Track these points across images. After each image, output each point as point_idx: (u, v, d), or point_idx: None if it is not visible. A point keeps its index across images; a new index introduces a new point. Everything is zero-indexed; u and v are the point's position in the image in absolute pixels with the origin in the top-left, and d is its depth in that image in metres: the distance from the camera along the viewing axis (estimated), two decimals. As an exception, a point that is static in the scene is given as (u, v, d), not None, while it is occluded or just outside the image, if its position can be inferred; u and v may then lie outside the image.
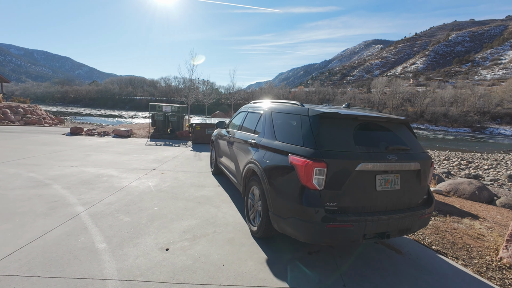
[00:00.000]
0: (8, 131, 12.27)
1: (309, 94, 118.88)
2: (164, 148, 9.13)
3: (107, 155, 7.26)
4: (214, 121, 11.13)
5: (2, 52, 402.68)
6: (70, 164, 5.88)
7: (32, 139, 9.86)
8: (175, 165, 6.48)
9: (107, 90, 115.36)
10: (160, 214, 3.44)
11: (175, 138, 12.04)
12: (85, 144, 9.10)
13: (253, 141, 3.26)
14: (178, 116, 13.06)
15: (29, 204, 3.50)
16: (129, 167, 5.97)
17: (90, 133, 11.98)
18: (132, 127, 14.81)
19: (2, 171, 5.05)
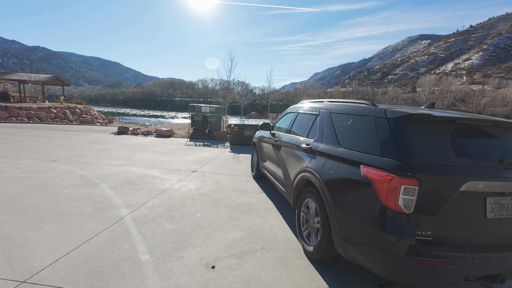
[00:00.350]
0: (67, 130, 13.48)
1: (346, 94, 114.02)
2: (203, 148, 9.13)
3: (150, 154, 7.41)
4: (251, 122, 10.91)
5: (65, 59, 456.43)
6: (117, 163, 6.05)
7: (85, 137, 10.62)
8: (215, 167, 6.33)
9: (150, 92, 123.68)
10: (203, 223, 3.20)
11: (213, 138, 12.09)
12: (130, 143, 9.50)
13: (307, 147, 2.85)
14: (216, 117, 13.13)
15: (78, 204, 3.52)
16: (171, 168, 5.96)
17: (135, 132, 12.60)
18: (173, 127, 15.32)
19: (58, 168, 5.33)
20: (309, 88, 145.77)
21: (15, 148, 7.34)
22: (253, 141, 5.75)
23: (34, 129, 12.83)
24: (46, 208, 3.31)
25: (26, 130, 12.12)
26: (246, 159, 7.63)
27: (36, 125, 15.91)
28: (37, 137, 9.86)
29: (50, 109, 24.78)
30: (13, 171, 4.92)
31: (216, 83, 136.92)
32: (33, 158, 6.16)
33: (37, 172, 4.96)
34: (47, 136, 10.27)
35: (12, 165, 5.41)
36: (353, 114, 2.40)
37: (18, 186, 4.09)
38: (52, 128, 14.31)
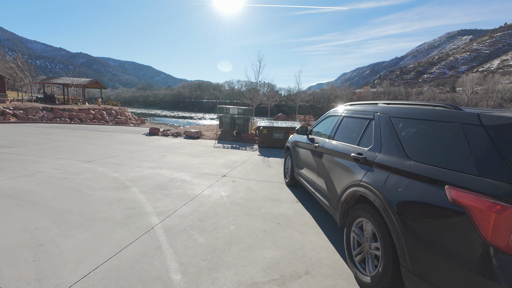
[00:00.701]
0: (103, 130, 14.16)
1: (377, 95, 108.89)
2: (232, 151, 8.95)
3: (180, 156, 7.37)
4: (280, 124, 10.55)
5: (103, 64, 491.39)
6: (148, 165, 6.04)
7: (119, 138, 11.00)
8: (245, 171, 6.07)
9: (179, 94, 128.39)
10: (237, 237, 2.92)
11: (241, 140, 11.91)
12: (161, 144, 9.62)
13: (359, 156, 2.43)
14: (244, 119, 12.96)
15: (109, 209, 3.42)
16: (201, 171, 5.80)
17: (165, 133, 12.85)
18: (201, 128, 15.46)
19: (93, 169, 5.41)
20: (337, 89, 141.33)
21: (56, 148, 7.71)
22: (286, 145, 5.38)
23: (74, 130, 13.64)
24: (79, 213, 3.25)
25: (67, 131, 12.91)
26: (277, 163, 7.29)
27: (76, 126, 16.99)
28: (76, 138, 10.39)
29: (89, 111, 26.48)
30: (52, 172, 5.05)
31: (242, 85, 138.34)
32: (71, 158, 6.37)
33: (73, 173, 5.05)
34: (85, 137, 10.79)
35: (52, 165, 5.59)
36: (426, 120, 1.95)
37: (55, 188, 4.13)
38: (90, 128, 15.14)
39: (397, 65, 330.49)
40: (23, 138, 9.41)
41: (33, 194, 3.79)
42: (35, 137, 9.83)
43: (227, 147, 9.79)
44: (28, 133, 11.15)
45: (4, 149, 7.12)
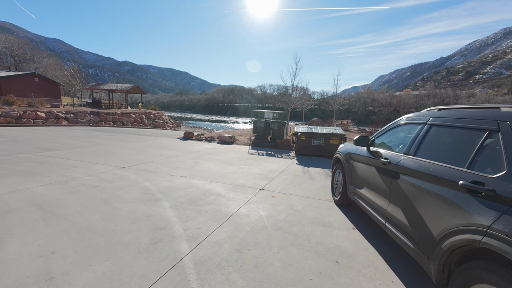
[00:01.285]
0: (141, 134, 14.55)
1: (420, 98, 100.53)
2: (267, 159, 8.33)
3: (213, 164, 6.94)
4: (320, 130, 9.68)
5: (145, 71, 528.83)
6: (180, 174, 5.67)
7: (155, 142, 11.05)
8: (284, 184, 5.39)
9: (213, 98, 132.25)
10: (286, 281, 2.25)
11: (276, 147, 11.25)
12: (194, 150, 9.36)
13: (480, 187, 1.62)
14: (279, 124, 12.30)
15: (135, 229, 2.99)
16: (235, 182, 5.26)
17: (199, 138, 12.71)
18: (234, 133, 15.14)
19: (125, 177, 5.17)
20: (374, 92, 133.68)
21: (96, 152, 7.81)
22: (335, 156, 4.59)
23: (115, 133, 14.19)
24: (102, 233, 2.85)
25: (109, 134, 13.44)
26: (319, 174, 6.48)
27: (118, 129, 17.84)
28: (116, 141, 10.63)
29: (130, 115, 28.00)
30: (86, 179, 4.89)
31: (274, 89, 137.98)
32: (107, 164, 6.27)
33: (106, 181, 4.83)
34: (124, 140, 11.02)
35: (88, 171, 5.49)
36: None
37: (85, 198, 3.87)
38: (130, 132, 15.70)
39: (443, 66, 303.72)
40: (69, 141, 9.84)
41: (62, 205, 3.54)
42: (79, 140, 10.25)
43: (262, 154, 9.19)
44: (74, 136, 11.76)
45: (49, 152, 7.35)
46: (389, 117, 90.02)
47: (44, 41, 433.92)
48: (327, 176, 6.38)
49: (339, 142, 9.15)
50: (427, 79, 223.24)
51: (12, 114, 17.35)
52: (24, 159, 6.33)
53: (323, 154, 9.35)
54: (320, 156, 9.37)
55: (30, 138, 10.18)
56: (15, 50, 38.92)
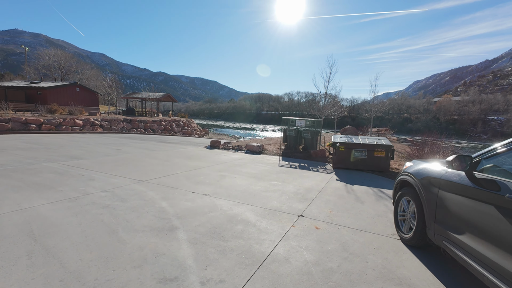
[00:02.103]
0: (168, 142, 14.33)
1: (464, 104, 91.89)
2: (302, 172, 7.32)
3: (241, 178, 6.12)
4: (362, 140, 8.45)
5: (177, 81, 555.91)
6: (204, 191, 4.91)
7: (181, 151, 10.59)
8: (328, 208, 4.36)
9: (240, 106, 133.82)
10: None
11: (309, 158, 10.18)
12: (221, 160, 8.66)
13: None
14: (312, 132, 11.22)
15: (136, 279, 2.20)
16: (267, 204, 4.35)
17: (226, 147, 12.07)
18: (263, 142, 14.31)
19: (142, 194, 4.52)
20: (409, 98, 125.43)
21: (119, 161, 7.42)
22: (401, 179, 3.47)
23: (144, 140, 14.13)
24: (95, 283, 2.10)
25: (137, 141, 13.37)
26: (367, 195, 5.34)
27: (148, 136, 17.98)
28: (142, 149, 10.35)
29: (161, 122, 28.62)
30: (99, 195, 4.32)
31: (302, 96, 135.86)
32: (127, 176, 5.74)
33: (120, 198, 4.21)
34: (150, 149, 10.72)
35: (104, 184, 4.96)
36: None
37: (90, 223, 3.22)
38: (158, 139, 15.62)
39: (488, 69, 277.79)
40: (97, 149, 9.72)
41: (58, 234, 2.91)
42: (107, 148, 10.11)
43: (295, 167, 8.20)
44: (104, 143, 11.76)
45: (73, 161, 7.09)
46: (427, 124, 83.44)
47: (89, 55, 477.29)
48: (378, 197, 5.21)
49: (386, 155, 7.85)
50: (470, 84, 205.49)
51: (53, 122, 18.32)
52: (46, 169, 6.04)
53: (365, 169, 8.09)
54: (362, 170, 8.13)
55: (62, 146, 10.27)
56: (62, 63, 42.49)
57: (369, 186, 6.16)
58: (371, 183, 6.51)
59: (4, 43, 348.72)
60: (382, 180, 7.00)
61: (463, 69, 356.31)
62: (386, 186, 6.23)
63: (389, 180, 7.04)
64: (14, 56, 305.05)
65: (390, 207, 4.62)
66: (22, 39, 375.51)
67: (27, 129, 16.77)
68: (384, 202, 4.92)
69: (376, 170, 7.99)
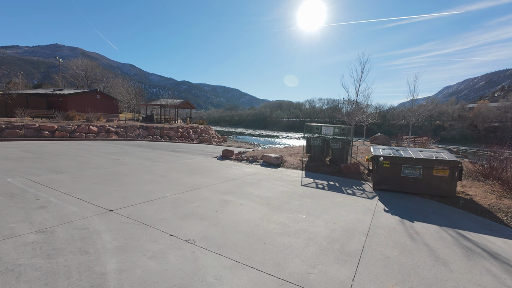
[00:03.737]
0: (178, 150, 13.00)
1: (506, 110, 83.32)
2: (333, 196, 5.44)
3: (249, 207, 4.39)
4: (414, 153, 6.40)
5: (200, 89, 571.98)
6: (188, 233, 3.24)
7: (187, 162, 9.12)
8: (391, 279, 2.50)
9: (261, 113, 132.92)
10: None
11: (339, 173, 8.22)
12: (229, 175, 7.01)
13: None
14: (342, 141, 9.25)
15: None
16: (286, 268, 2.58)
17: (239, 158, 10.44)
18: (282, 151, 12.50)
19: (90, 239, 2.95)
20: (439, 104, 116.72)
21: (105, 176, 6.03)
22: None
23: (152, 149, 12.91)
24: None
25: (143, 150, 12.15)
26: (445, 245, 3.35)
27: (159, 144, 16.88)
28: (143, 160, 9.02)
29: (178, 129, 27.82)
30: (23, 240, 2.82)
31: (324, 103, 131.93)
32: (94, 201, 4.25)
33: (48, 250, 2.66)
34: (152, 159, 9.36)
35: (51, 217, 3.49)
36: None
37: None
38: (169, 148, 14.37)
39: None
40: (92, 159, 8.52)
41: None
42: (105, 158, 8.90)
43: (322, 187, 6.33)
44: (106, 152, 10.64)
45: (48, 176, 5.79)
46: (463, 132, 76.55)
47: (120, 66, 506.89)
48: (467, 251, 3.22)
49: (450, 175, 5.72)
50: (509, 89, 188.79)
51: (67, 128, 17.89)
52: (2, 187, 4.75)
53: (419, 192, 6.01)
54: (416, 194, 6.06)
55: (57, 155, 9.22)
56: (88, 71, 43.97)
57: (439, 224, 4.14)
58: (439, 218, 4.47)
59: (46, 57, 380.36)
60: (451, 212, 4.92)
61: (500, 73, 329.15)
62: (466, 226, 4.17)
63: (462, 212, 4.93)
64: (54, 68, 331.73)
65: (501, 278, 2.64)
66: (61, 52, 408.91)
67: (40, 136, 16.36)
68: (483, 263, 2.94)
69: (435, 194, 5.89)
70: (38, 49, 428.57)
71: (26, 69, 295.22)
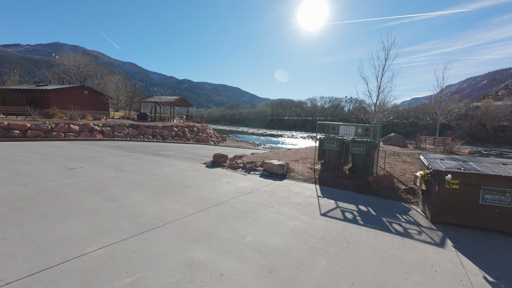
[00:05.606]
0: (162, 154, 10.84)
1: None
2: (379, 244, 3.27)
3: (237, 280, 2.24)
4: (495, 167, 4.21)
5: (201, 87, 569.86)
6: None
7: (164, 171, 6.97)
8: None
9: (262, 112, 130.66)
10: None
11: (366, 189, 6.04)
12: (215, 196, 4.86)
13: None
14: (367, 146, 7.06)
15: None
16: None
17: (233, 165, 8.27)
18: (287, 156, 10.32)
19: None
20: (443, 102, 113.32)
21: (24, 201, 3.90)
22: None
23: (132, 151, 10.76)
24: None
25: (120, 153, 9.99)
26: None
27: (145, 145, 14.73)
28: (108, 169, 6.89)
29: (172, 128, 25.69)
30: None
31: (326, 101, 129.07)
32: None
33: None
34: (121, 168, 7.22)
35: None
36: None
37: None
38: (152, 149, 12.18)
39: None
40: (34, 169, 6.39)
41: None
42: (57, 167, 6.77)
43: (353, 217, 4.16)
44: (69, 156, 8.50)
45: None
46: (471, 132, 73.86)
47: (121, 64, 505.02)
48: None
49: None
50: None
51: (42, 127, 15.77)
52: None
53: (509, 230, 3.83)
54: (504, 233, 3.88)
55: (1, 159, 7.12)
56: (81, 67, 41.88)
57: None
58: None
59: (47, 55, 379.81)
60: None
61: (503, 71, 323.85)
62: None
63: None
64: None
65: None
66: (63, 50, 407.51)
67: (8, 136, 14.24)
68: None
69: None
70: (40, 48, 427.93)
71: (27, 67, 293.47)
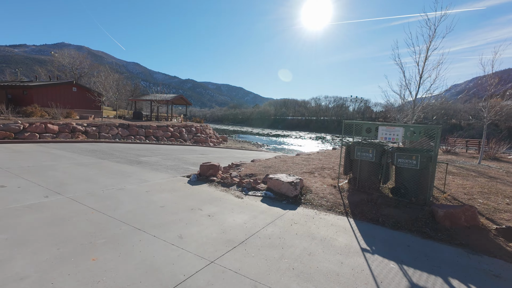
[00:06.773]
0: (142, 160, 8.58)
1: (529, 109, 76.83)
2: None
3: None
4: None
5: (204, 87, 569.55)
6: None
7: (127, 190, 4.70)
8: None
9: (265, 111, 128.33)
10: None
11: (432, 229, 3.71)
12: (184, 248, 2.57)
13: None
14: (423, 157, 4.71)
15: None
16: None
17: (226, 181, 5.98)
18: (298, 165, 7.97)
19: None
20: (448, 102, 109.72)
21: None
22: None
23: (101, 158, 8.53)
24: None
25: (84, 161, 7.76)
26: None
27: (130, 147, 12.50)
28: (40, 188, 4.67)
29: (168, 128, 23.52)
30: None
31: (330, 101, 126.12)
32: None
33: None
34: (60, 187, 4.99)
35: None
36: None
37: None
38: (131, 154, 9.94)
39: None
40: None
41: None
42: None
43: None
44: (7, 167, 6.32)
45: None
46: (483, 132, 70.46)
47: (125, 64, 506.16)
48: None
49: None
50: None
51: (12, 127, 13.65)
52: None
53: None
54: None
55: None
56: (77, 64, 39.98)
57: None
58: None
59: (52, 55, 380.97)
60: None
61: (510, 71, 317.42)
62: None
63: None
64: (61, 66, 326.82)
65: None
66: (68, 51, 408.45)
67: (-31, 137, 12.18)
68: None
69: None
70: (45, 48, 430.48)
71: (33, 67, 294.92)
